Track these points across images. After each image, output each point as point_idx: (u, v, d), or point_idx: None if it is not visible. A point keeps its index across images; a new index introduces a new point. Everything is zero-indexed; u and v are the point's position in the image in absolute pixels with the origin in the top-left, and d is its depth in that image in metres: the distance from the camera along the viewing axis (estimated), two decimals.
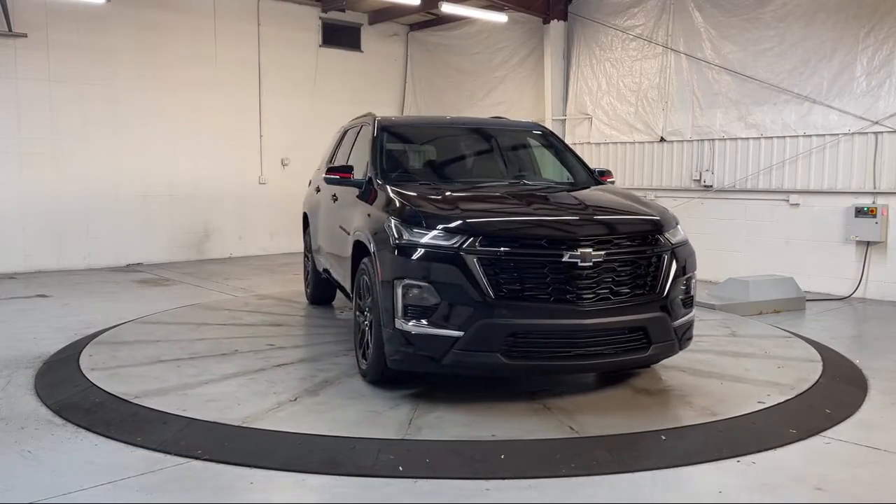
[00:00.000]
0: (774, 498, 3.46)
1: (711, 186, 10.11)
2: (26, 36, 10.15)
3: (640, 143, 10.98)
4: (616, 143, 11.30)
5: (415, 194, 4.97)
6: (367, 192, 5.42)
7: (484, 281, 4.24)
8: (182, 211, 11.81)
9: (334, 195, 6.38)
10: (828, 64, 8.94)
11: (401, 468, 3.69)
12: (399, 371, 4.68)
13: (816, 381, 5.15)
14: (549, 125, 11.70)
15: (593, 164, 9.65)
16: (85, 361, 5.44)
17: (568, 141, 11.64)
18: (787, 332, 6.76)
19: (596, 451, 3.91)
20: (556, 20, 11.66)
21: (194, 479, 3.59)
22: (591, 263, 4.32)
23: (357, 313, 5.19)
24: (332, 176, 5.72)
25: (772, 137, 9.52)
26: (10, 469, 3.70)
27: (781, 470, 3.75)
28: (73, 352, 5.81)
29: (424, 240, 4.41)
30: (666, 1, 10.50)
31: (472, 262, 4.26)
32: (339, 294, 7.78)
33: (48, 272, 10.38)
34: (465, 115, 12.06)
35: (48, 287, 9.18)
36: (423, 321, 4.31)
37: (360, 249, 5.16)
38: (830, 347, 6.23)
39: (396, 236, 4.52)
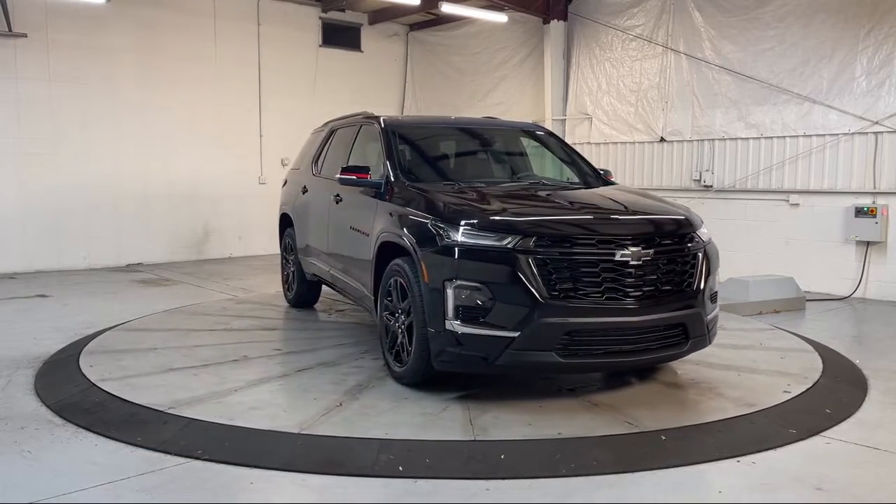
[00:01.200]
0: (774, 498, 3.46)
1: (711, 186, 10.11)
2: (26, 36, 10.15)
3: (640, 143, 10.98)
4: (616, 143, 11.30)
5: (453, 195, 4.98)
6: (386, 193, 5.34)
7: (539, 281, 4.26)
8: (182, 211, 11.80)
9: (337, 195, 6.25)
10: (828, 64, 8.94)
11: (401, 468, 3.69)
12: (439, 373, 4.68)
13: (816, 381, 5.15)
14: (549, 125, 11.70)
15: (593, 164, 9.63)
16: (93, 372, 5.15)
17: (568, 141, 11.64)
18: (788, 332, 6.76)
19: (596, 451, 3.91)
20: (556, 20, 11.66)
21: (194, 479, 3.59)
22: (640, 262, 4.41)
23: (385, 315, 5.10)
24: (348, 176, 5.59)
25: (772, 137, 9.52)
26: (10, 469, 3.70)
27: (781, 470, 3.75)
28: (73, 352, 5.81)
29: (476, 241, 4.40)
30: (666, 1, 10.50)
31: (527, 262, 4.27)
32: (324, 296, 7.78)
33: (48, 272, 10.38)
34: (465, 115, 12.05)
35: (48, 287, 9.18)
36: (477, 322, 4.31)
37: (387, 251, 5.09)
38: (830, 347, 6.23)
39: (445, 238, 4.47)
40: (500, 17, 11.80)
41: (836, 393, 5.00)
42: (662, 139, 10.68)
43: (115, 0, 10.65)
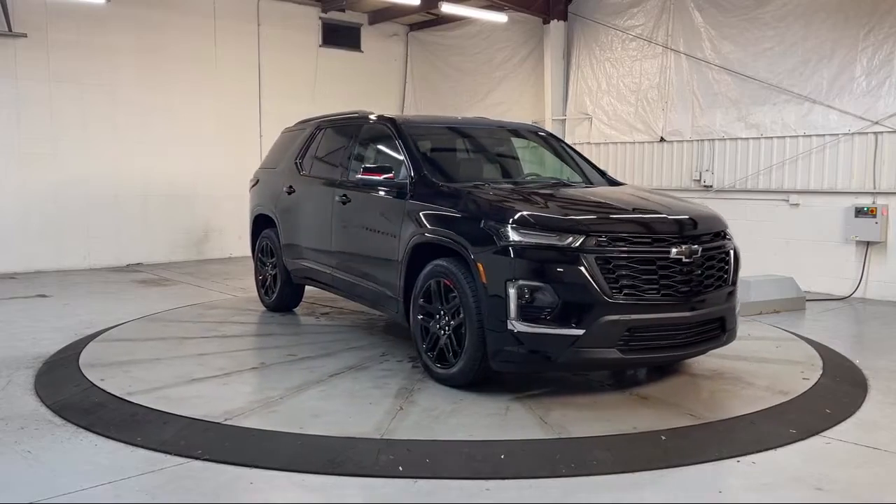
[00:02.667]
0: (774, 498, 3.46)
1: (711, 186, 10.11)
2: (26, 36, 10.15)
3: (639, 143, 10.98)
4: (616, 143, 11.30)
5: (496, 194, 5.01)
6: (412, 193, 5.28)
7: (601, 279, 4.34)
8: (182, 211, 11.80)
9: (344, 196, 6.10)
10: (828, 64, 8.94)
11: (401, 468, 3.68)
12: (489, 374, 4.72)
13: (816, 381, 5.15)
14: (548, 125, 11.72)
15: (594, 164, 9.63)
16: (111, 385, 4.88)
17: (568, 141, 11.65)
18: (788, 332, 6.76)
19: (596, 451, 3.91)
20: (556, 20, 11.66)
21: (194, 479, 3.58)
22: (690, 259, 4.58)
23: (421, 317, 5.06)
24: (371, 177, 5.51)
25: (772, 137, 9.52)
26: (10, 469, 3.70)
27: (781, 470, 3.75)
28: (73, 352, 5.80)
29: (538, 240, 4.42)
30: (666, 1, 10.50)
31: (590, 260, 4.35)
32: (304, 299, 7.62)
33: (48, 272, 10.38)
34: (463, 115, 12.04)
35: (48, 287, 9.17)
36: (540, 321, 4.35)
37: (422, 252, 5.07)
38: (830, 347, 6.23)
39: (503, 238, 4.47)
40: (500, 17, 11.80)
41: (836, 393, 5.00)
42: (662, 139, 10.68)
43: (115, 0, 10.65)
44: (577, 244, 4.38)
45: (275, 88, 12.63)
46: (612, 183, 6.16)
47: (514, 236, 4.45)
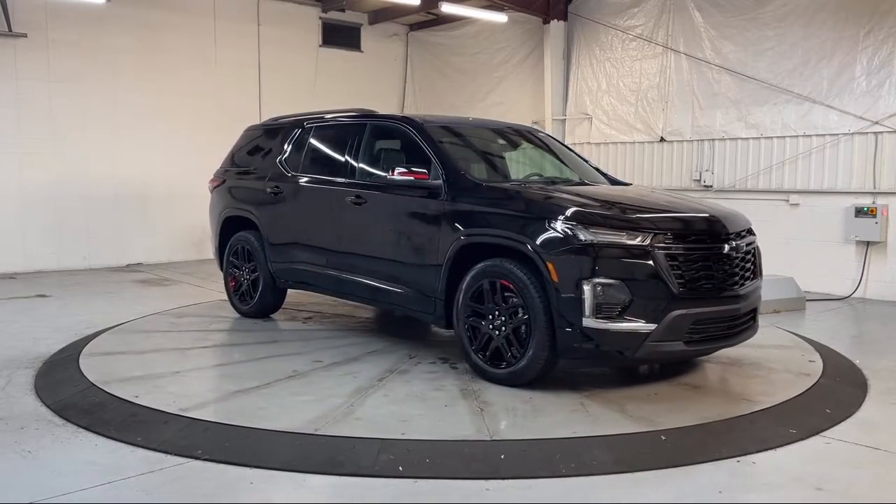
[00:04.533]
0: (774, 498, 3.46)
1: (711, 186, 10.11)
2: (26, 36, 10.15)
3: (639, 143, 10.98)
4: (616, 143, 11.30)
5: (552, 194, 5.08)
6: (448, 194, 5.22)
7: (670, 275, 4.53)
8: (182, 211, 11.79)
9: (358, 196, 5.89)
10: (828, 64, 8.94)
11: (401, 468, 3.68)
12: (547, 372, 4.82)
13: (816, 381, 5.15)
14: (549, 125, 11.73)
15: (594, 163, 9.64)
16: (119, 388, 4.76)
17: (568, 141, 11.66)
18: (788, 332, 6.76)
19: (596, 451, 3.91)
20: (556, 20, 11.66)
21: (194, 479, 3.58)
22: (737, 255, 4.88)
23: (471, 319, 5.01)
24: (406, 178, 5.39)
25: (772, 137, 9.52)
26: (10, 469, 3.69)
27: (781, 470, 3.75)
28: (73, 352, 5.80)
29: (611, 239, 4.53)
30: (666, 1, 10.50)
31: (660, 257, 4.52)
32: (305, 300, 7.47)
33: (48, 272, 10.38)
34: (463, 115, 12.05)
35: (48, 287, 9.17)
36: (615, 318, 4.47)
37: (469, 252, 5.05)
38: (830, 347, 6.23)
39: (575, 238, 4.53)
40: (500, 17, 11.80)
41: (836, 393, 5.00)
42: (662, 139, 10.68)
43: (115, 0, 10.65)
44: (647, 242, 4.53)
45: (275, 88, 12.62)
46: (615, 183, 6.25)
47: (587, 236, 4.53)
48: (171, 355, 5.82)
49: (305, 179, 6.57)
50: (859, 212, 8.63)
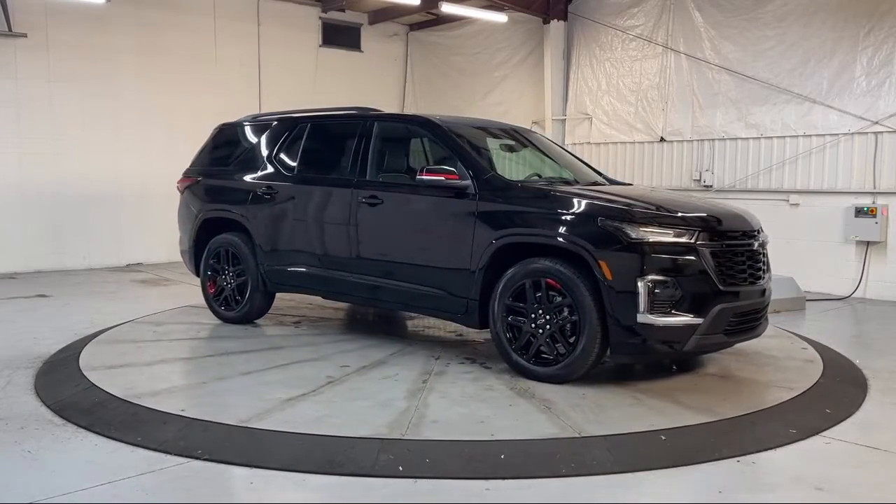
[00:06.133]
0: (774, 498, 3.46)
1: (711, 186, 10.11)
2: (26, 36, 10.15)
3: (639, 143, 10.99)
4: (616, 143, 11.31)
5: (597, 194, 5.18)
6: (480, 195, 5.19)
7: (716, 270, 4.73)
8: None
9: (373, 197, 5.75)
10: (828, 64, 8.94)
11: (401, 468, 3.68)
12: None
13: (816, 381, 5.15)
14: (548, 125, 11.74)
15: (594, 164, 9.68)
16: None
17: (568, 141, 11.68)
18: (788, 332, 6.76)
19: (596, 451, 3.90)
20: (556, 20, 11.67)
21: (194, 479, 3.58)
22: (762, 251, 5.18)
23: (510, 318, 5.02)
24: (433, 178, 5.30)
25: (772, 137, 9.53)
26: (10, 469, 3.69)
27: (781, 470, 3.76)
28: (73, 352, 5.79)
29: (662, 238, 4.70)
30: (666, 1, 10.50)
31: (706, 254, 4.73)
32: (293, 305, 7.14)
33: (48, 272, 10.38)
34: (464, 115, 12.05)
35: (48, 287, 9.17)
36: (668, 313, 4.62)
37: (507, 252, 5.06)
38: (830, 347, 6.24)
39: (627, 236, 4.65)
40: (500, 17, 11.80)
41: (836, 393, 5.00)
42: (662, 139, 10.68)
43: (115, 0, 10.65)
44: (693, 239, 4.72)
45: (275, 88, 12.61)
46: (615, 183, 6.34)
47: (637, 234, 4.67)
48: (182, 365, 5.62)
49: (306, 179, 6.35)
50: (859, 212, 8.63)
